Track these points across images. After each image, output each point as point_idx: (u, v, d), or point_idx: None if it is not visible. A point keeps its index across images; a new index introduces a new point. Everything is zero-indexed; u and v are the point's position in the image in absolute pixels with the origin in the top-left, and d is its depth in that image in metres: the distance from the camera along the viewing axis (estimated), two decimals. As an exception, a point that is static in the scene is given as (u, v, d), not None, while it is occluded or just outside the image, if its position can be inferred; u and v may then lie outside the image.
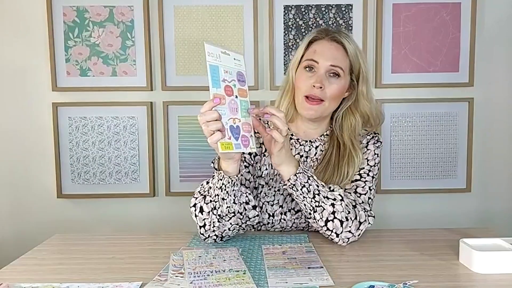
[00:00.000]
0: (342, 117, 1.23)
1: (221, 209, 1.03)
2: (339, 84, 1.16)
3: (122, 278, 0.90)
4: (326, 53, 1.16)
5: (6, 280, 0.90)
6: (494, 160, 1.83)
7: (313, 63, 1.16)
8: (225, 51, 0.94)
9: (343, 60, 1.17)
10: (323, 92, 1.14)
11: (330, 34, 1.18)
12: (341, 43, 1.17)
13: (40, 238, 1.24)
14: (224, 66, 0.93)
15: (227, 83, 0.93)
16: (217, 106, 0.89)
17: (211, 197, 1.05)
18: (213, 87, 0.89)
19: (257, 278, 0.88)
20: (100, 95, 1.79)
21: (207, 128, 0.89)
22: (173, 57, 1.78)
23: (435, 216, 1.83)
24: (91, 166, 1.81)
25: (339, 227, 1.06)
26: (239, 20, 1.76)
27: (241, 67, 0.99)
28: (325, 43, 1.18)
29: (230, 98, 0.93)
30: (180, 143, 1.81)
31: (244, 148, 0.93)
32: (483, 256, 0.90)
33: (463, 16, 1.75)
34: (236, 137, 0.92)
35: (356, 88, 1.21)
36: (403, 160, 1.81)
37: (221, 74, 0.91)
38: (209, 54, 0.90)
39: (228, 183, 1.01)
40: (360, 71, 1.20)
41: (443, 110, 1.79)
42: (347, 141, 1.19)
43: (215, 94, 0.89)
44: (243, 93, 0.97)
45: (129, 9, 1.76)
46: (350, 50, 1.17)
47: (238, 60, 0.98)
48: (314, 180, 1.07)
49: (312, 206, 1.06)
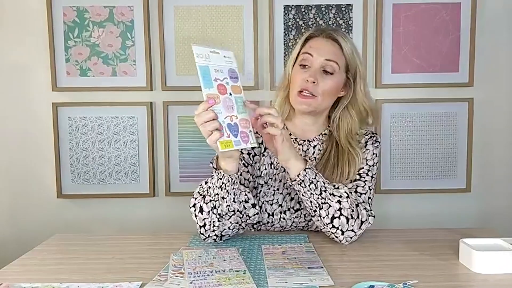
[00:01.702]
0: (339, 118, 1.23)
1: (221, 208, 1.03)
2: (333, 80, 1.17)
3: (122, 278, 0.90)
4: (321, 48, 1.17)
5: (6, 280, 0.90)
6: (494, 160, 1.83)
7: (308, 56, 1.17)
8: (214, 50, 0.94)
9: (338, 56, 1.17)
10: (316, 86, 1.15)
11: (326, 32, 1.19)
12: (337, 40, 1.18)
13: (40, 238, 1.24)
14: (214, 65, 0.93)
15: (219, 82, 0.93)
16: (212, 106, 0.89)
17: (210, 197, 1.05)
18: (205, 88, 0.89)
19: (257, 278, 0.88)
20: (100, 95, 1.79)
21: (205, 129, 0.90)
22: (173, 57, 1.78)
23: (435, 216, 1.83)
24: (91, 166, 1.81)
25: (345, 224, 1.06)
26: (239, 20, 1.76)
27: (232, 64, 0.98)
28: (321, 39, 1.19)
29: (224, 96, 0.93)
30: (180, 143, 1.81)
31: (244, 144, 0.93)
32: (483, 256, 0.90)
33: (463, 16, 1.75)
34: (235, 134, 0.92)
35: (352, 87, 1.21)
36: (403, 160, 1.81)
37: (212, 74, 0.91)
38: (198, 55, 0.90)
39: (228, 181, 1.01)
40: (357, 69, 1.20)
41: (443, 110, 1.79)
42: (345, 141, 1.20)
43: (208, 95, 0.89)
44: (236, 90, 0.97)
45: (129, 9, 1.76)
46: (345, 48, 1.18)
47: (228, 57, 0.98)
48: (320, 177, 1.07)
49: (318, 203, 1.06)
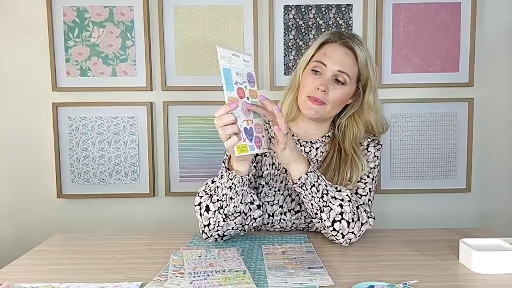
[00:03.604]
0: (345, 126, 1.21)
1: (227, 208, 1.03)
2: (344, 90, 1.15)
3: (122, 278, 0.90)
4: (336, 57, 1.14)
5: (6, 280, 0.90)
6: (494, 160, 1.83)
7: (321, 65, 1.14)
8: (235, 53, 0.94)
9: (351, 67, 1.15)
10: (326, 95, 1.13)
11: (343, 39, 1.16)
12: (353, 49, 1.15)
13: (40, 238, 1.25)
14: (235, 68, 0.93)
15: (239, 86, 0.93)
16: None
17: (218, 196, 1.04)
18: (227, 91, 0.89)
19: (257, 278, 0.88)
20: (100, 95, 1.79)
21: (224, 132, 0.89)
22: (173, 57, 1.78)
23: (435, 216, 1.83)
24: (91, 166, 1.80)
25: (346, 228, 1.05)
26: (239, 20, 1.76)
27: (250, 67, 0.99)
28: (336, 46, 1.16)
29: (242, 100, 0.93)
30: (180, 143, 1.81)
31: (257, 149, 0.94)
32: (483, 256, 0.90)
33: (463, 16, 1.75)
34: (250, 139, 0.93)
35: (361, 97, 1.19)
36: (403, 160, 1.81)
37: (233, 77, 0.91)
38: (222, 57, 0.89)
39: (239, 182, 1.01)
40: (369, 80, 1.17)
41: (443, 110, 1.79)
42: (349, 148, 1.18)
43: (230, 98, 0.89)
44: (253, 94, 0.97)
45: (129, 9, 1.76)
46: (360, 58, 1.15)
47: (247, 61, 0.98)
48: (323, 180, 1.06)
49: (319, 206, 1.05)
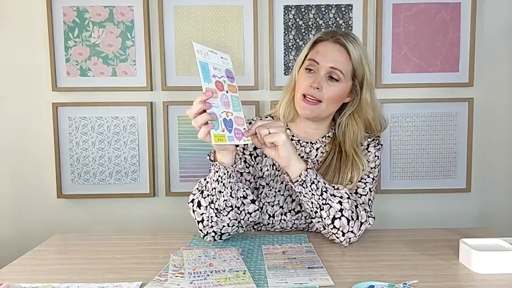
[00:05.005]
0: (345, 125, 1.21)
1: (218, 202, 1.04)
2: (338, 87, 1.15)
3: (122, 278, 0.90)
4: (328, 54, 1.15)
5: (6, 280, 0.90)
6: (494, 160, 1.83)
7: (314, 63, 1.15)
8: (213, 50, 0.99)
9: (344, 64, 1.15)
10: (320, 93, 1.14)
11: (335, 36, 1.16)
12: (345, 46, 1.15)
13: (40, 238, 1.25)
14: (212, 63, 0.97)
15: (217, 79, 0.96)
16: (210, 99, 0.92)
17: (208, 191, 1.05)
18: (205, 82, 0.92)
19: (257, 278, 0.88)
20: (100, 95, 1.78)
21: (196, 123, 0.92)
22: (173, 57, 1.78)
23: (435, 216, 1.83)
24: (91, 166, 1.80)
25: (346, 225, 1.06)
26: (239, 20, 1.76)
27: (229, 65, 1.03)
28: (328, 44, 1.16)
29: (221, 93, 0.96)
30: (180, 143, 1.81)
31: (237, 140, 0.96)
32: (483, 256, 0.90)
33: (463, 16, 1.75)
34: (230, 130, 0.95)
35: (359, 94, 1.19)
36: (403, 160, 1.81)
37: (211, 70, 0.95)
38: (198, 51, 0.94)
39: (224, 174, 1.02)
40: (365, 77, 1.17)
41: (443, 110, 1.79)
42: (350, 149, 1.18)
43: (207, 88, 0.92)
44: (233, 89, 1.01)
45: (129, 9, 1.76)
46: (354, 54, 1.15)
47: (225, 58, 1.02)
48: (321, 177, 1.07)
49: (319, 204, 1.06)
